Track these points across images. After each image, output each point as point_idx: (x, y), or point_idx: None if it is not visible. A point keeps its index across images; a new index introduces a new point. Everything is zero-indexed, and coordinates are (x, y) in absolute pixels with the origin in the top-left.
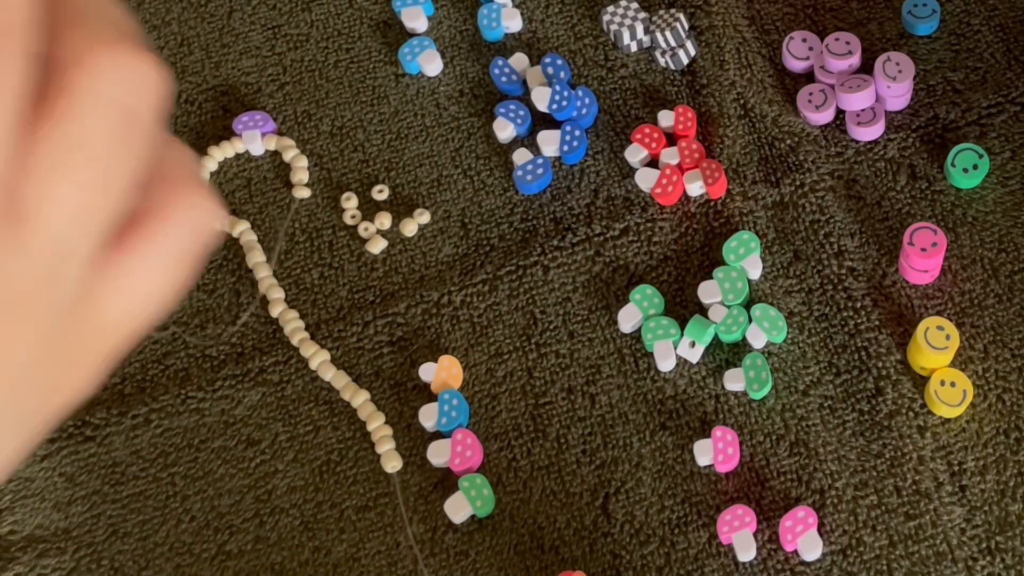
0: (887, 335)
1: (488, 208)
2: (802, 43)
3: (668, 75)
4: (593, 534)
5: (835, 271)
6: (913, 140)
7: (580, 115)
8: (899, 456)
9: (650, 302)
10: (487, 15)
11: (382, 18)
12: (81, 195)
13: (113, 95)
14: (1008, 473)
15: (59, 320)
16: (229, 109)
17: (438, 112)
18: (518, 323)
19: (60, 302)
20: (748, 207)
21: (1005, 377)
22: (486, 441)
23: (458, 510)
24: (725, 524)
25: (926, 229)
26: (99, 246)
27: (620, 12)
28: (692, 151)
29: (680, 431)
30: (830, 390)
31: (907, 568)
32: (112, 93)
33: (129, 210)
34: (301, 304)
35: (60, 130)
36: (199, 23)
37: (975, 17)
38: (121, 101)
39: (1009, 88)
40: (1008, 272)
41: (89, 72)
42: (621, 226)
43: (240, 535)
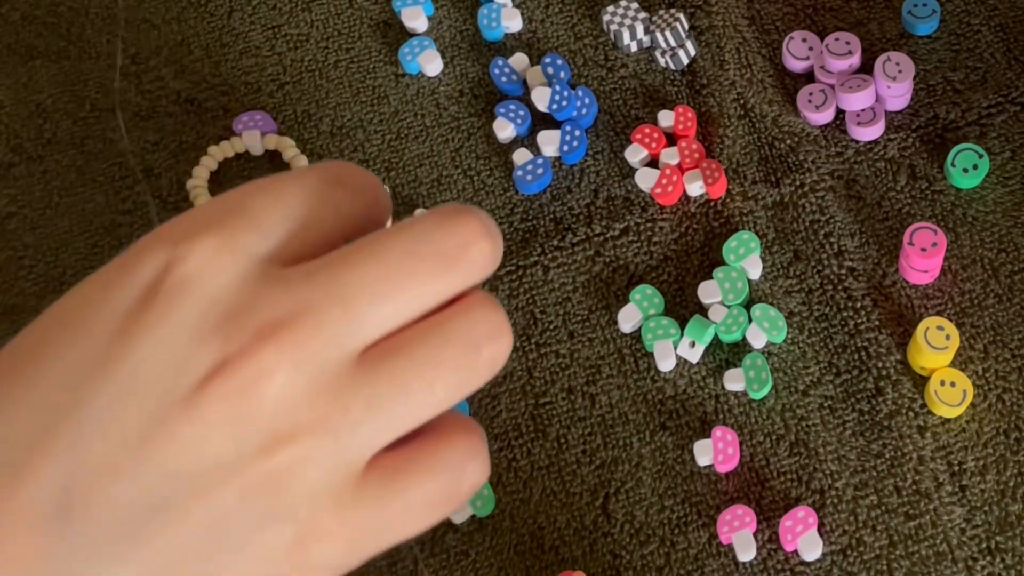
0: (887, 335)
1: (488, 208)
2: (802, 43)
3: (668, 75)
4: (593, 534)
5: (835, 271)
6: (913, 140)
7: (580, 115)
8: (899, 456)
9: (650, 302)
10: (487, 15)
11: (382, 18)
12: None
13: (469, 331)
14: (1008, 473)
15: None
16: (229, 109)
17: (438, 112)
18: (518, 323)
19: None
20: (748, 207)
21: (1005, 377)
22: None
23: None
24: (725, 524)
25: (926, 229)
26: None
27: (620, 12)
28: (692, 151)
29: (680, 431)
30: (830, 390)
31: (907, 568)
32: (469, 329)
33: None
34: None
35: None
36: (199, 23)
37: (975, 17)
38: (472, 338)
39: (1009, 88)
40: (1008, 272)
41: (462, 312)
42: (621, 226)
43: None
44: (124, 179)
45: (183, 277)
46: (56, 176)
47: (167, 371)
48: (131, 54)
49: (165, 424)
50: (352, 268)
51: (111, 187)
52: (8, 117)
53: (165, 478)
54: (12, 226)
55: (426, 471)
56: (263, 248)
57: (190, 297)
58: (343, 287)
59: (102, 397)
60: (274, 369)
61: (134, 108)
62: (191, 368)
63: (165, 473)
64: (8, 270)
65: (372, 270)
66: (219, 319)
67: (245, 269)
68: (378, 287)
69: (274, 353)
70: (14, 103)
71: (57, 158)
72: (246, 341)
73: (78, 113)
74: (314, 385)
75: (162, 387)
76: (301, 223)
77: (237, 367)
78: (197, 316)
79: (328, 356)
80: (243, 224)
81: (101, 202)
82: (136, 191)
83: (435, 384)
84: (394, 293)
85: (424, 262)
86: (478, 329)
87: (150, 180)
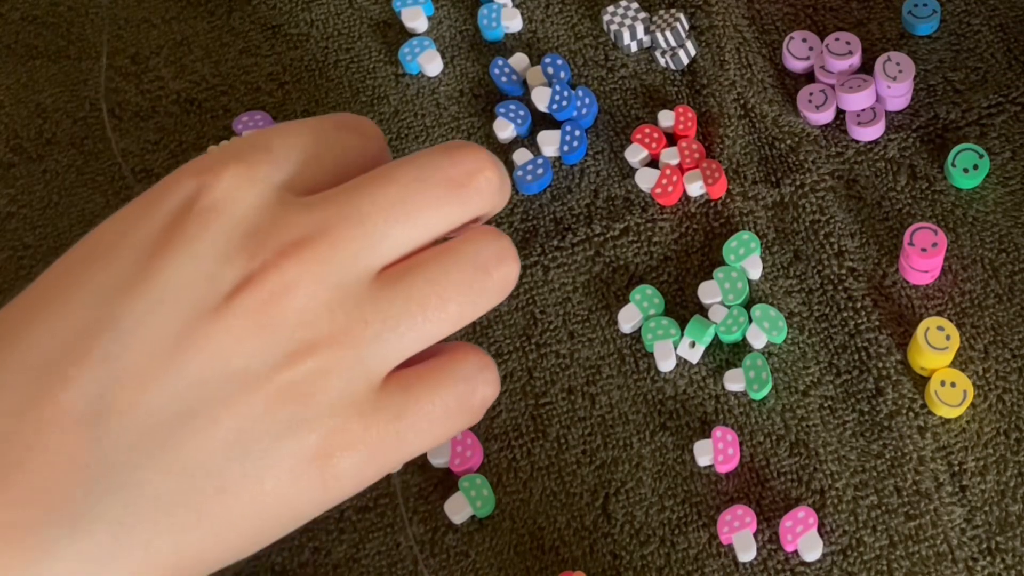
0: (887, 335)
1: None
2: (802, 43)
3: (668, 75)
4: (593, 534)
5: (835, 271)
6: (913, 140)
7: (580, 115)
8: (899, 456)
9: (650, 302)
10: (487, 15)
11: (382, 18)
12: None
13: (476, 254)
14: (1008, 473)
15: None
16: (229, 109)
17: (438, 112)
18: (518, 323)
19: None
20: (748, 207)
21: (1005, 377)
22: (486, 441)
23: (458, 510)
24: (725, 524)
25: (926, 229)
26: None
27: (620, 12)
28: (692, 151)
29: (680, 431)
30: (830, 390)
31: (907, 568)
32: (476, 252)
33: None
34: None
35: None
36: (199, 23)
37: (975, 17)
38: (480, 260)
39: (1009, 88)
40: (1008, 272)
41: (470, 239)
42: (621, 226)
43: None
44: (124, 179)
45: (211, 202)
46: (56, 176)
47: (196, 285)
48: (131, 54)
49: (194, 334)
50: (366, 193)
51: (111, 187)
52: (8, 117)
53: (194, 386)
54: (12, 226)
55: (441, 382)
56: (282, 177)
57: (217, 219)
58: (359, 209)
59: (134, 310)
60: (297, 283)
61: (134, 108)
62: (219, 282)
63: (194, 381)
64: (8, 270)
65: (386, 194)
66: (244, 238)
67: (267, 195)
68: (392, 210)
69: (296, 268)
70: (14, 103)
71: (57, 158)
72: (270, 257)
73: (78, 113)
74: (335, 299)
75: (191, 300)
76: (316, 158)
77: (262, 281)
78: (224, 236)
79: (348, 272)
80: (264, 157)
81: (101, 202)
82: (136, 192)
83: (448, 303)
84: (407, 216)
85: (434, 188)
86: (486, 253)
87: (150, 180)
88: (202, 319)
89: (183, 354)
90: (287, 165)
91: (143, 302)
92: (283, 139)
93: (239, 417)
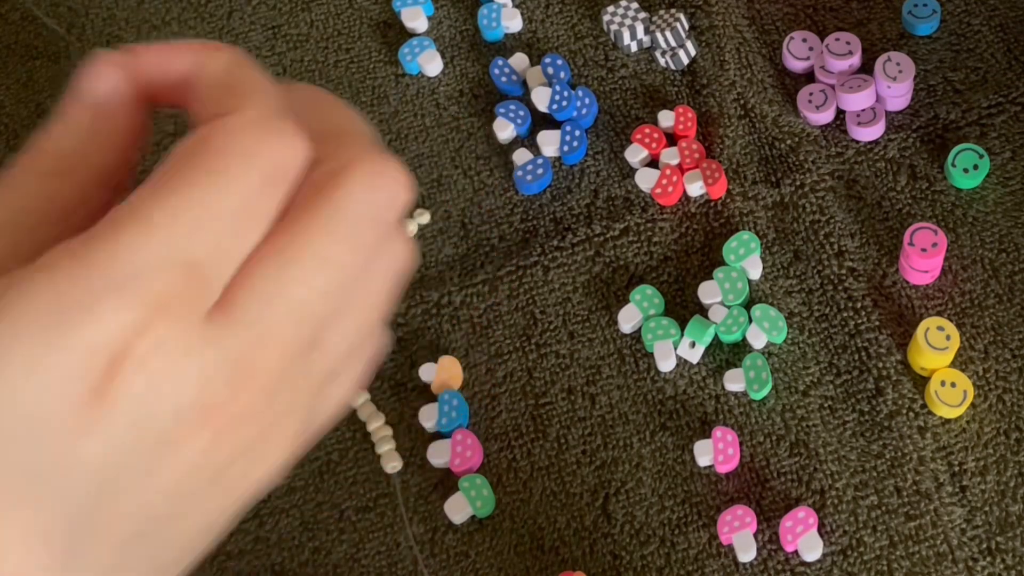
0: (887, 335)
1: (488, 208)
2: (802, 43)
3: (668, 75)
4: (593, 534)
5: (835, 271)
6: (913, 140)
7: (580, 115)
8: (899, 456)
9: (650, 302)
10: (487, 15)
11: (382, 18)
12: (302, 300)
13: (360, 206)
14: (1008, 473)
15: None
16: None
17: (438, 112)
18: (518, 323)
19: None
20: (748, 207)
21: (1005, 377)
22: (486, 441)
23: (458, 510)
24: (725, 524)
25: (926, 229)
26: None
27: (620, 12)
28: (692, 151)
29: (680, 431)
30: (830, 390)
31: (907, 568)
32: (359, 204)
33: None
34: None
35: (295, 239)
36: (199, 23)
37: (975, 17)
38: (372, 214)
39: (1009, 88)
40: (1008, 272)
41: (340, 186)
42: (621, 226)
43: (240, 535)
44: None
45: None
46: None
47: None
48: None
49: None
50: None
51: None
52: (8, 117)
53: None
54: None
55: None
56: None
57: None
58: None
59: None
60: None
61: None
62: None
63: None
64: None
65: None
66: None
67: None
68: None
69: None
70: (14, 103)
71: None
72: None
73: None
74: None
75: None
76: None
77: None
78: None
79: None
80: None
81: None
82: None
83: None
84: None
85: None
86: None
87: None
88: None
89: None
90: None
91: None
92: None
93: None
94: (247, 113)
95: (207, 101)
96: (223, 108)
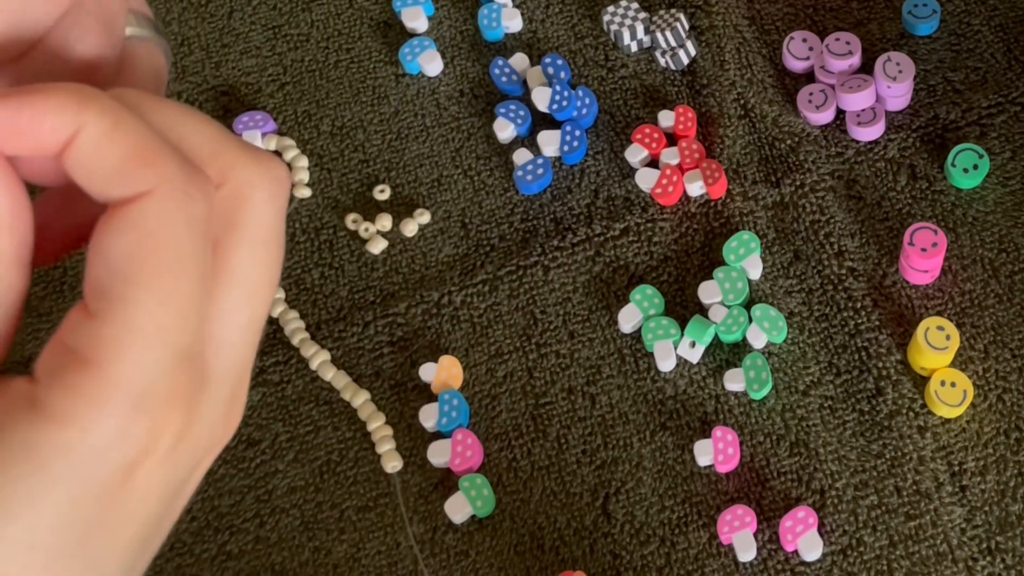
0: (887, 335)
1: (488, 208)
2: (802, 43)
3: (668, 75)
4: (593, 534)
5: (835, 271)
6: (913, 140)
7: (580, 115)
8: (899, 456)
9: (650, 302)
10: (487, 15)
11: (382, 18)
12: (250, 317)
13: (268, 216)
14: (1008, 473)
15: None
16: (229, 109)
17: (438, 112)
18: (518, 323)
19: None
20: (748, 207)
21: (1005, 377)
22: (486, 441)
23: (458, 510)
24: (725, 524)
25: (926, 229)
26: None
27: (620, 12)
28: (692, 151)
29: (680, 431)
30: (830, 390)
31: (907, 568)
32: (267, 215)
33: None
34: (301, 304)
35: (232, 271)
36: (199, 23)
37: (975, 17)
38: (274, 218)
39: (1009, 88)
40: (1008, 272)
41: (250, 206)
42: (621, 226)
43: (240, 535)
44: None
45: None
46: None
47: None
48: None
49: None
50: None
51: None
52: None
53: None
54: None
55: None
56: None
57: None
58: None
59: None
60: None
61: None
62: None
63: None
64: None
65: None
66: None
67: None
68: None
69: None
70: None
71: None
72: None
73: None
74: None
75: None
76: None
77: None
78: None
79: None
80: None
81: None
82: None
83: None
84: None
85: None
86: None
87: None
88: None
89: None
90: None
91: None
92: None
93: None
94: (161, 190)
95: (101, 181)
96: (127, 187)
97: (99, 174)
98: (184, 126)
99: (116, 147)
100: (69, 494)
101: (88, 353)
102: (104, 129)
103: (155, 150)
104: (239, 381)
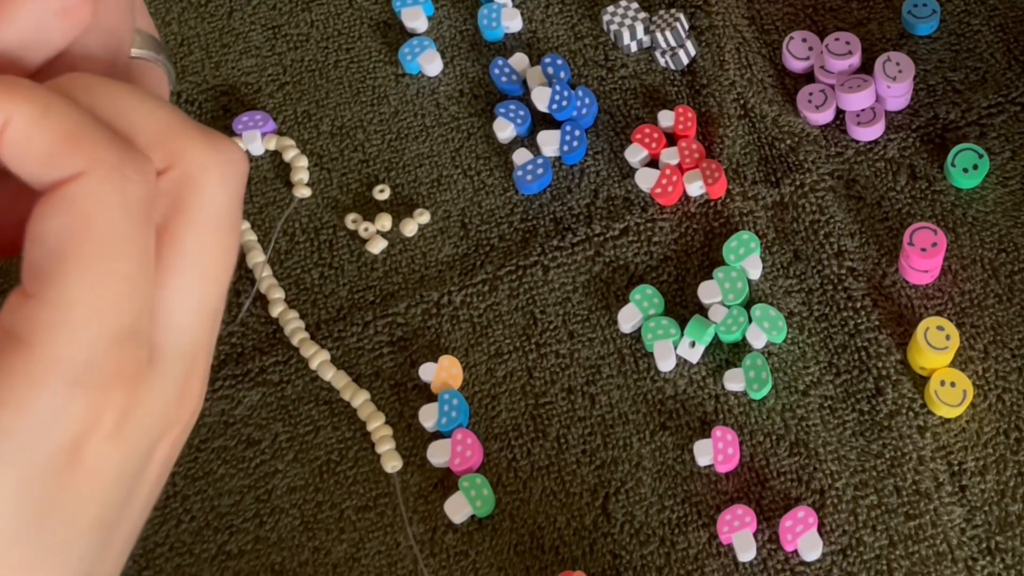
0: (887, 335)
1: (488, 208)
2: (802, 43)
3: (668, 75)
4: (593, 534)
5: (835, 271)
6: (913, 140)
7: (580, 115)
8: (899, 456)
9: (650, 302)
10: (487, 15)
11: (382, 18)
12: (201, 300)
13: (220, 199)
14: (1008, 473)
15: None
16: (229, 109)
17: (438, 112)
18: (518, 323)
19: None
20: (748, 207)
21: (1005, 377)
22: (486, 441)
23: (458, 510)
24: (725, 524)
25: (926, 229)
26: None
27: (620, 12)
28: (692, 151)
29: (680, 431)
30: (830, 390)
31: (907, 568)
32: (219, 198)
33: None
34: (301, 304)
35: (181, 254)
36: (199, 23)
37: (975, 17)
38: (227, 202)
39: (1009, 88)
40: (1008, 272)
41: (200, 189)
42: (621, 226)
43: (240, 535)
44: None
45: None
46: None
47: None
48: None
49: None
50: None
51: None
52: None
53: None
54: None
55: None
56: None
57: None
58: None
59: None
60: None
61: None
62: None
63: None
64: (8, 269)
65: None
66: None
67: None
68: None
69: None
70: None
71: None
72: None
73: None
74: None
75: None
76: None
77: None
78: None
79: None
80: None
81: None
82: None
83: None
84: None
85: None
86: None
87: None
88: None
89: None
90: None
91: None
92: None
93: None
94: (94, 172)
95: (33, 167)
96: (59, 171)
97: (30, 160)
98: (135, 110)
99: (46, 133)
100: (15, 475)
101: (23, 334)
102: (33, 117)
103: (86, 134)
104: (193, 362)
